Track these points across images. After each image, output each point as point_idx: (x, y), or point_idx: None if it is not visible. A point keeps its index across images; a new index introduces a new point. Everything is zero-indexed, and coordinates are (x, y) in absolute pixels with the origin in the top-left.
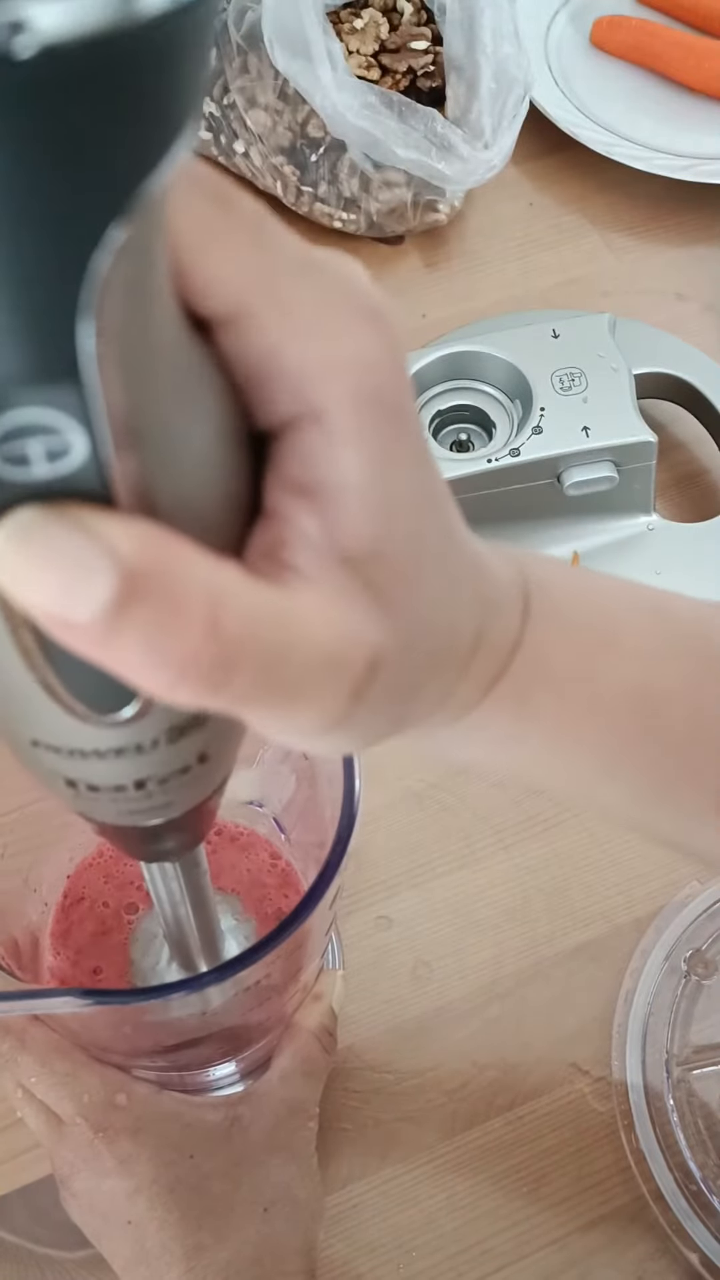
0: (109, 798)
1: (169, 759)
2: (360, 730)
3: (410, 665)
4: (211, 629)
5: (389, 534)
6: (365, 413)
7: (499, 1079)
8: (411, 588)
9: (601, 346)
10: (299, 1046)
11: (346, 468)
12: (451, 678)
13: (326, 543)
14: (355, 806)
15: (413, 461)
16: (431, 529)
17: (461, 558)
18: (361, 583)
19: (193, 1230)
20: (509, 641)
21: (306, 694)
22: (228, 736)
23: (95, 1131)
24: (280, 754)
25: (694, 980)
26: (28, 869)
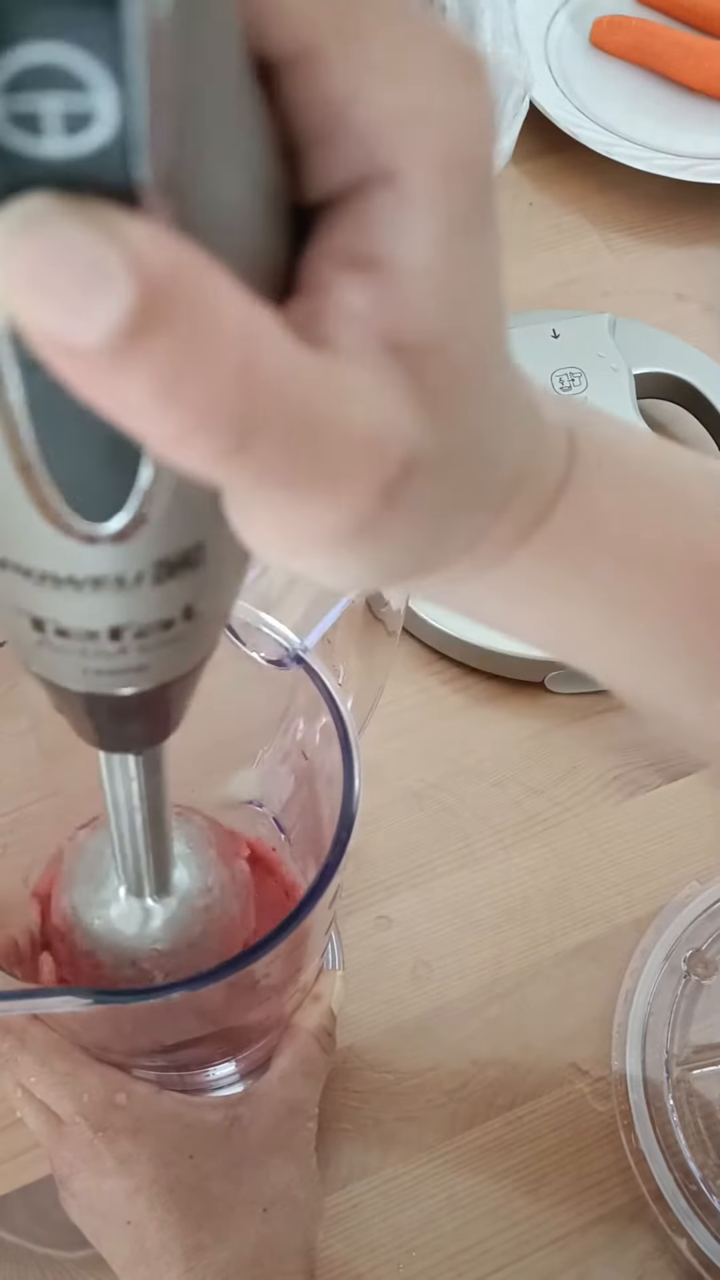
0: (77, 649)
1: (152, 604)
2: (382, 551)
3: (447, 484)
4: (243, 370)
5: (453, 327)
6: (448, 178)
7: (499, 1079)
8: (465, 397)
9: (601, 346)
10: (298, 1047)
11: (419, 238)
12: (486, 516)
13: (378, 322)
14: (354, 806)
15: (490, 246)
16: (499, 336)
17: (515, 381)
18: (410, 375)
19: (192, 1230)
20: (551, 485)
21: (335, 480)
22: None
23: (95, 1131)
24: (280, 754)
25: (694, 980)
26: (28, 869)
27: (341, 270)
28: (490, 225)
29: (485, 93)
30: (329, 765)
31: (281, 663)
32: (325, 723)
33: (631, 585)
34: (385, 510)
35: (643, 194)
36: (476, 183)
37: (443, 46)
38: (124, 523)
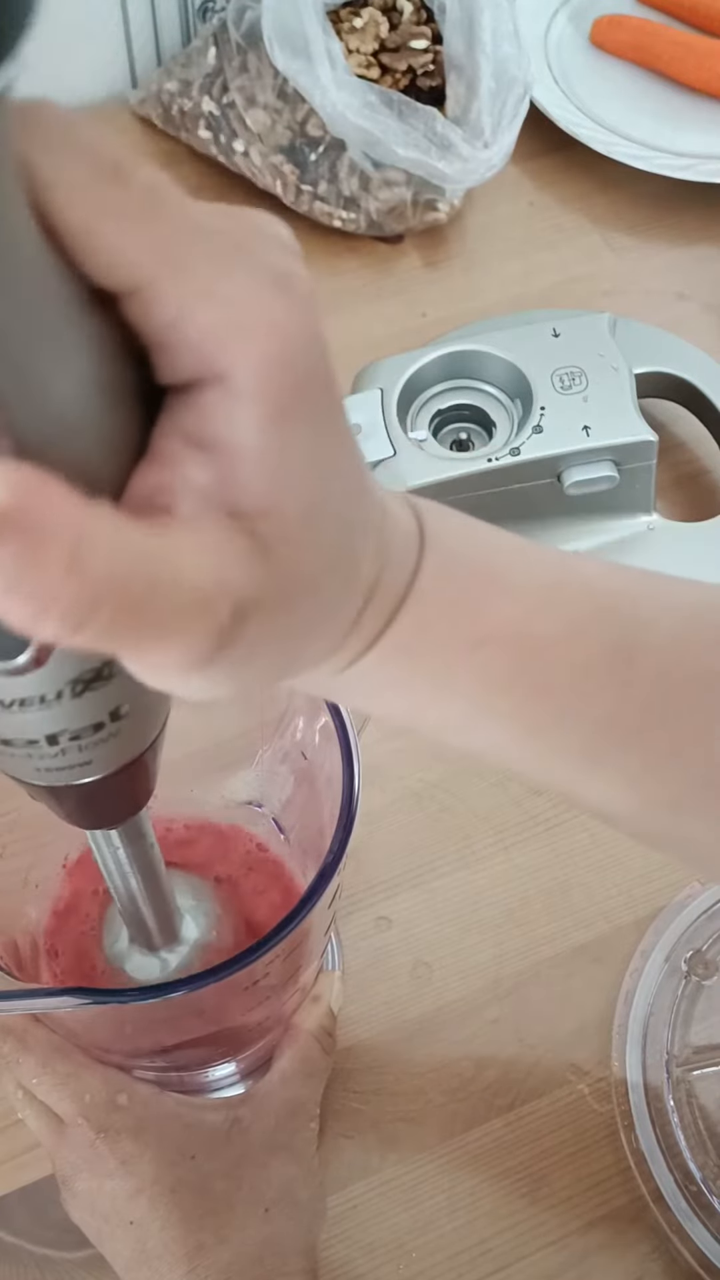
0: (23, 753)
1: (77, 713)
2: (237, 675)
3: (293, 619)
4: (72, 566)
5: (282, 495)
6: (270, 376)
7: (499, 1079)
8: (300, 547)
9: (602, 346)
10: (299, 1048)
11: (245, 427)
12: (341, 632)
13: (214, 493)
14: (354, 807)
15: (317, 427)
16: (334, 493)
17: (366, 517)
18: (244, 534)
19: (194, 1231)
20: (398, 594)
21: (170, 634)
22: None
23: (97, 1132)
24: (279, 755)
25: (694, 981)
26: (27, 869)
27: (185, 447)
28: (312, 402)
29: (299, 301)
30: (329, 765)
31: None
32: (325, 723)
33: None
34: (224, 648)
35: (643, 193)
36: (295, 377)
37: (258, 267)
38: (28, 658)
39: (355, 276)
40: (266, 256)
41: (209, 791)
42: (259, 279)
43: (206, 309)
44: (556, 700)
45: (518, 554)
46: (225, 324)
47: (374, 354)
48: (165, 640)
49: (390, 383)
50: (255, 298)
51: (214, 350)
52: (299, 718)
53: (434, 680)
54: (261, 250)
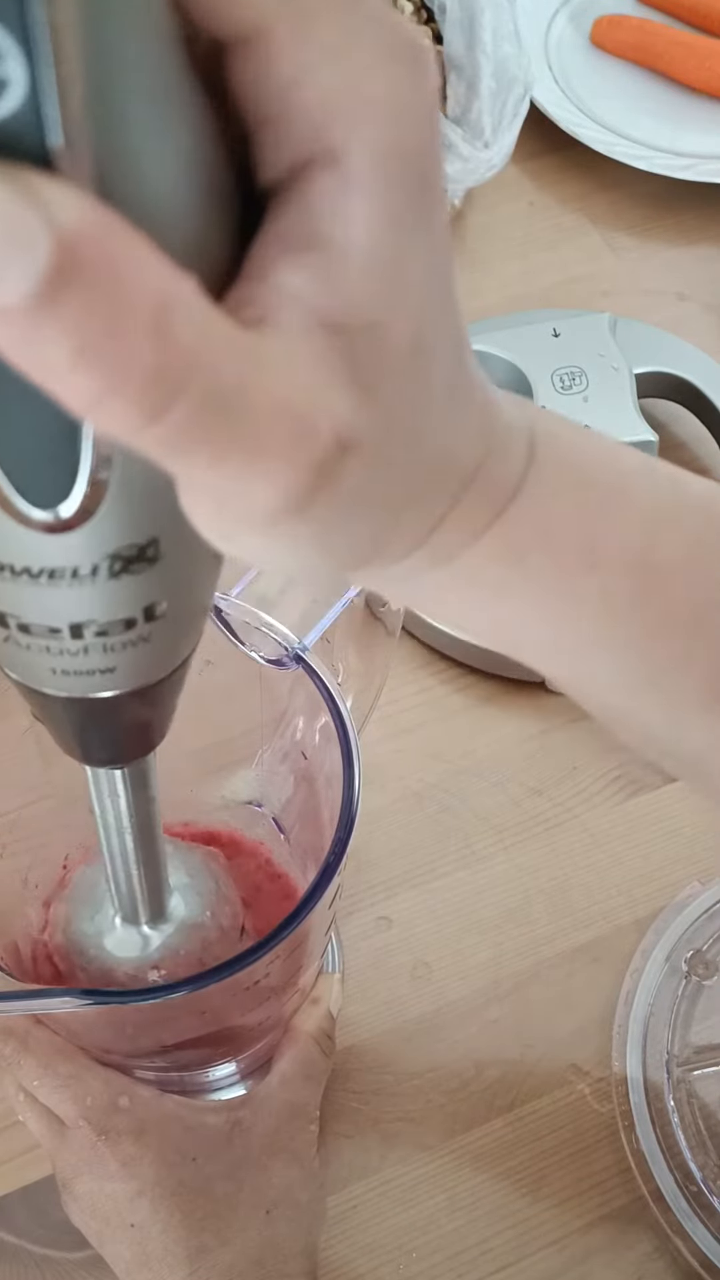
0: (42, 646)
1: (110, 600)
2: (328, 538)
3: (392, 471)
4: (158, 331)
5: (391, 308)
6: (390, 162)
7: (499, 1079)
8: (405, 381)
9: (602, 346)
10: (298, 1050)
11: (358, 220)
12: (440, 508)
13: (316, 301)
14: (354, 806)
15: (434, 238)
16: (443, 328)
17: (470, 381)
18: (347, 355)
19: (195, 1232)
20: (509, 486)
21: (263, 453)
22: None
23: (98, 1134)
24: (279, 754)
25: (694, 981)
26: (27, 869)
27: (283, 252)
28: (430, 221)
29: (428, 82)
30: (329, 765)
31: (281, 662)
32: (325, 722)
33: (573, 584)
34: (321, 492)
35: (643, 193)
36: (417, 166)
37: (389, 33)
38: (73, 509)
39: None
40: (405, 32)
41: (209, 791)
42: (391, 49)
43: (329, 70)
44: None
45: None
46: (349, 92)
47: None
48: (257, 460)
49: None
50: (387, 70)
51: (330, 122)
52: (299, 717)
53: (547, 594)
54: (394, 18)
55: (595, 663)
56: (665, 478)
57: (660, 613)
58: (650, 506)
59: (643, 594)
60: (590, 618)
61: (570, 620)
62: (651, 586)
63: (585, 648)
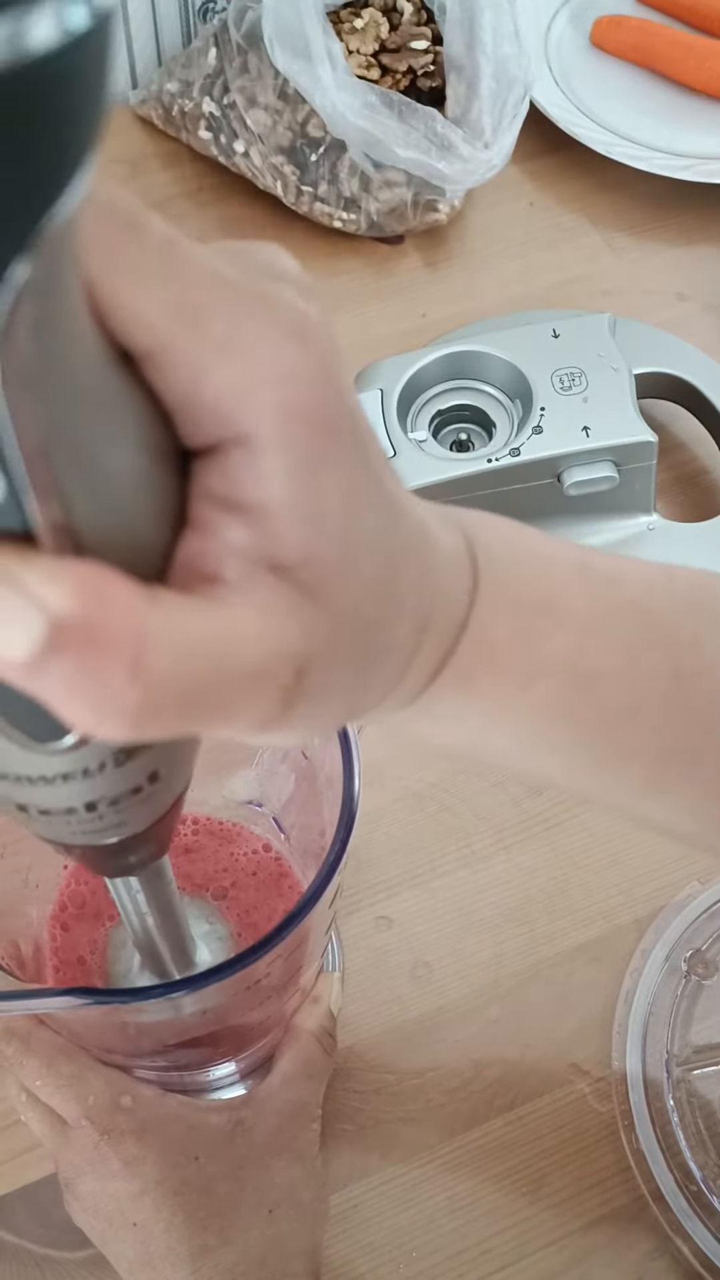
0: (61, 820)
1: (118, 781)
2: (305, 724)
3: (348, 660)
4: (135, 674)
5: (318, 541)
6: (290, 428)
7: (499, 1079)
8: (346, 585)
9: (602, 346)
10: (299, 1049)
11: (273, 485)
12: (400, 665)
13: (256, 553)
14: (355, 806)
15: (347, 467)
16: (370, 527)
17: (406, 543)
18: (292, 586)
19: (198, 1232)
20: (456, 623)
21: (235, 709)
22: (179, 756)
23: (101, 1134)
24: (279, 754)
25: (694, 980)
26: (27, 869)
27: (220, 511)
28: (339, 444)
29: (314, 346)
30: (329, 764)
31: None
32: None
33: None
34: (289, 709)
35: (643, 194)
36: (317, 421)
37: (272, 317)
38: (75, 740)
39: (355, 277)
40: (280, 303)
41: (209, 791)
42: (273, 329)
43: (222, 367)
44: (615, 732)
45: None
46: (241, 380)
47: (374, 354)
48: (232, 714)
49: (390, 383)
50: (270, 349)
51: (232, 409)
52: None
53: (494, 711)
54: (275, 295)
55: (549, 763)
56: (600, 580)
57: (598, 714)
58: (581, 614)
59: (579, 700)
60: (535, 726)
61: (519, 730)
62: (585, 688)
63: (537, 752)
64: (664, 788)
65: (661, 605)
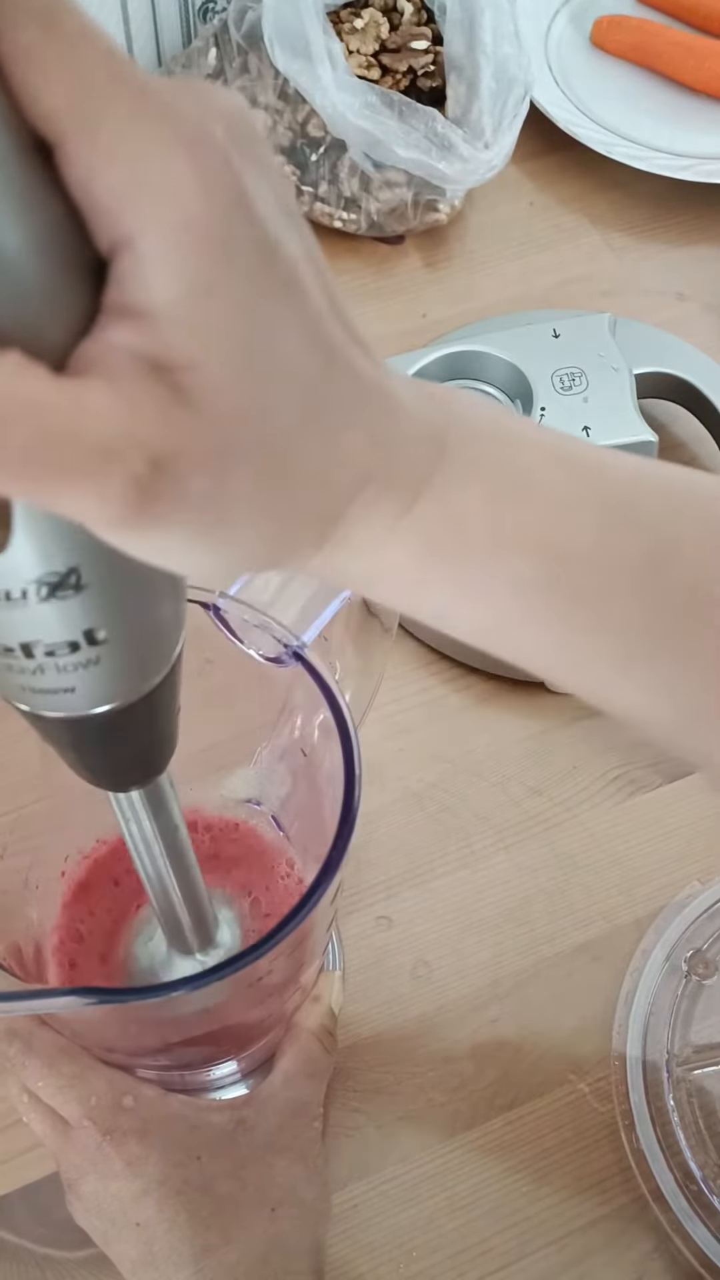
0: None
1: (48, 623)
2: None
3: (244, 479)
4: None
5: (205, 350)
6: (176, 237)
7: (499, 1079)
8: (239, 399)
9: (602, 346)
10: (300, 1048)
11: (155, 289)
12: (333, 500)
13: (137, 352)
14: (356, 801)
15: (252, 288)
16: (288, 348)
17: (357, 385)
18: (167, 387)
19: (201, 1231)
20: (413, 483)
21: (75, 483)
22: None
23: (103, 1134)
24: (278, 752)
25: (694, 980)
26: (27, 869)
27: (108, 315)
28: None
29: (211, 162)
30: (328, 762)
31: (279, 660)
32: (324, 719)
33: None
34: (155, 500)
35: (643, 194)
36: (207, 240)
37: (170, 129)
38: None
39: (356, 277)
40: (184, 116)
41: (208, 790)
42: (169, 140)
43: (107, 168)
44: (587, 608)
45: (551, 454)
46: (124, 184)
47: None
48: (74, 489)
49: None
50: (161, 159)
51: (119, 213)
52: (298, 714)
53: (464, 580)
54: (182, 110)
55: (516, 637)
56: (583, 464)
57: (569, 588)
58: (555, 491)
59: (550, 573)
60: (505, 599)
61: (488, 603)
62: (559, 564)
63: (505, 626)
64: (633, 665)
65: (645, 492)
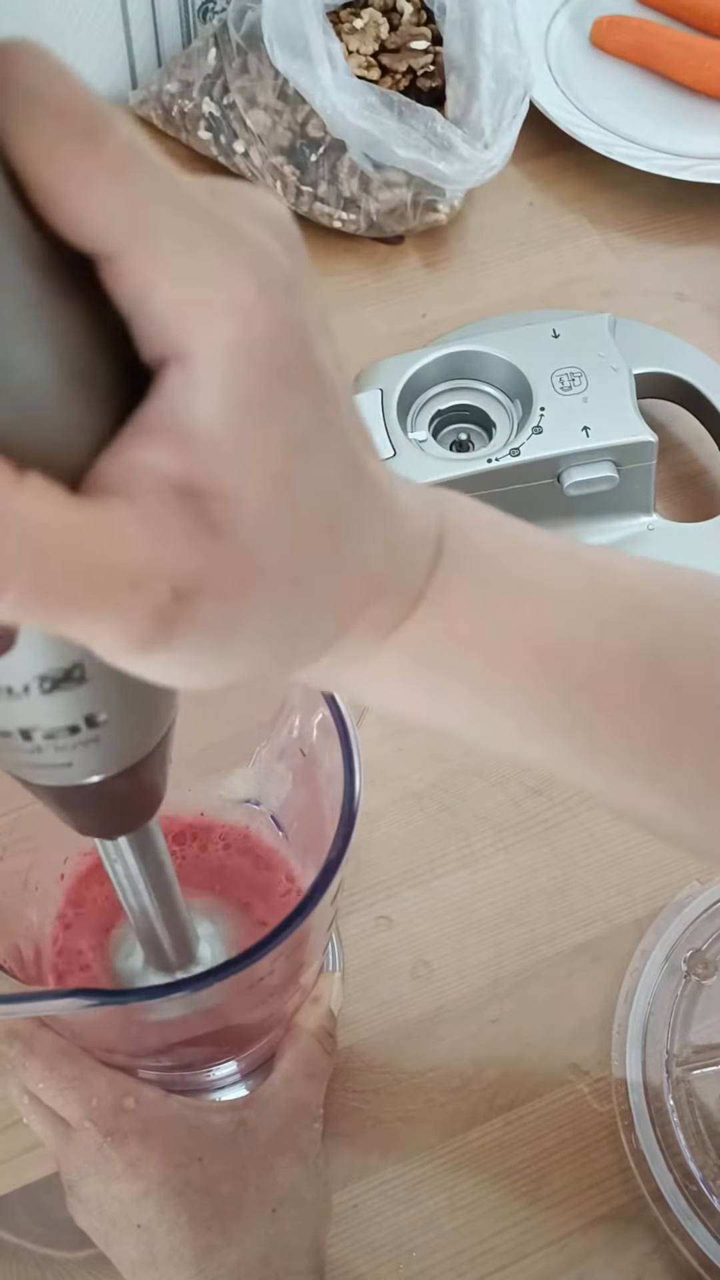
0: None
1: (49, 712)
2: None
3: (267, 607)
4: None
5: (241, 477)
6: (236, 364)
7: (499, 1079)
8: (265, 535)
9: (601, 346)
10: (300, 1049)
11: (202, 411)
12: (342, 623)
13: (168, 475)
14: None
15: (294, 417)
16: (322, 479)
17: (371, 500)
18: (192, 515)
19: (202, 1232)
20: (414, 590)
21: (101, 614)
22: (126, 705)
23: (104, 1135)
24: (276, 752)
25: (694, 980)
26: (27, 870)
27: (139, 434)
28: (296, 392)
29: (272, 283)
30: (328, 761)
31: None
32: (322, 719)
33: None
34: (171, 630)
35: (643, 194)
36: (264, 366)
37: (229, 245)
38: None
39: (355, 277)
40: (248, 236)
41: (207, 790)
42: (233, 259)
43: (171, 284)
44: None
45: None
46: (189, 302)
47: (374, 354)
48: (95, 618)
49: (390, 383)
50: (225, 278)
51: (176, 328)
52: (296, 714)
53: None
54: (244, 229)
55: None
56: (582, 564)
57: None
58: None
59: (554, 678)
60: (511, 709)
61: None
62: (563, 668)
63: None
64: (642, 774)
65: (649, 591)
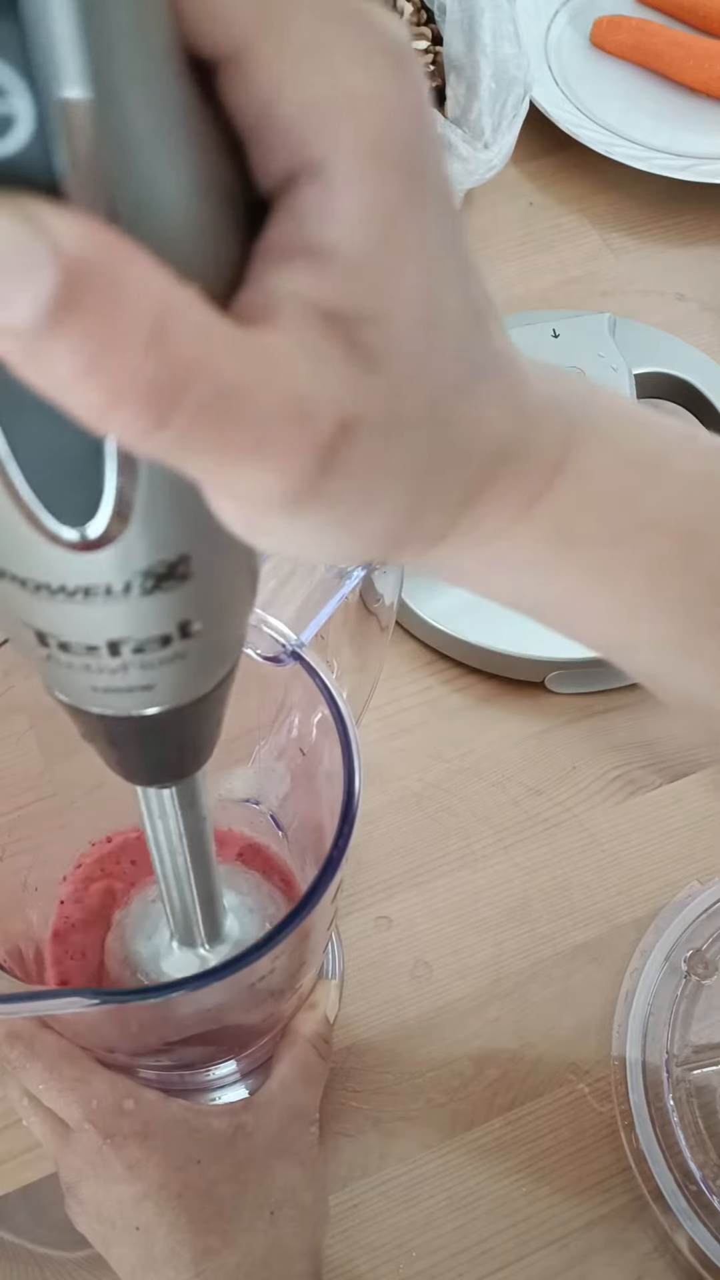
0: (81, 665)
1: (144, 617)
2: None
3: (407, 445)
4: (155, 343)
5: (389, 295)
6: (375, 158)
7: (499, 1079)
8: (415, 362)
9: (601, 346)
10: (296, 1054)
11: (345, 223)
12: (469, 483)
13: (313, 296)
14: (356, 798)
15: (436, 221)
16: (453, 306)
17: (494, 354)
18: (345, 340)
19: (201, 1235)
20: (547, 466)
21: (265, 446)
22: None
23: (104, 1137)
24: (276, 751)
25: (694, 980)
26: (27, 870)
27: (280, 258)
28: (427, 206)
29: (408, 73)
30: (327, 760)
31: (278, 659)
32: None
33: (619, 555)
34: (330, 472)
35: (643, 194)
36: (401, 159)
37: (364, 31)
38: (102, 527)
39: None
40: (376, 20)
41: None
42: (366, 44)
43: (303, 77)
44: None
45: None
46: (322, 96)
47: None
48: (260, 454)
49: None
50: (360, 65)
51: (308, 130)
52: (295, 714)
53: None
54: (372, 13)
55: (642, 628)
56: (708, 445)
57: (705, 576)
58: (692, 473)
59: (686, 558)
60: (637, 585)
61: (618, 590)
62: (695, 550)
63: (632, 615)
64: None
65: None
